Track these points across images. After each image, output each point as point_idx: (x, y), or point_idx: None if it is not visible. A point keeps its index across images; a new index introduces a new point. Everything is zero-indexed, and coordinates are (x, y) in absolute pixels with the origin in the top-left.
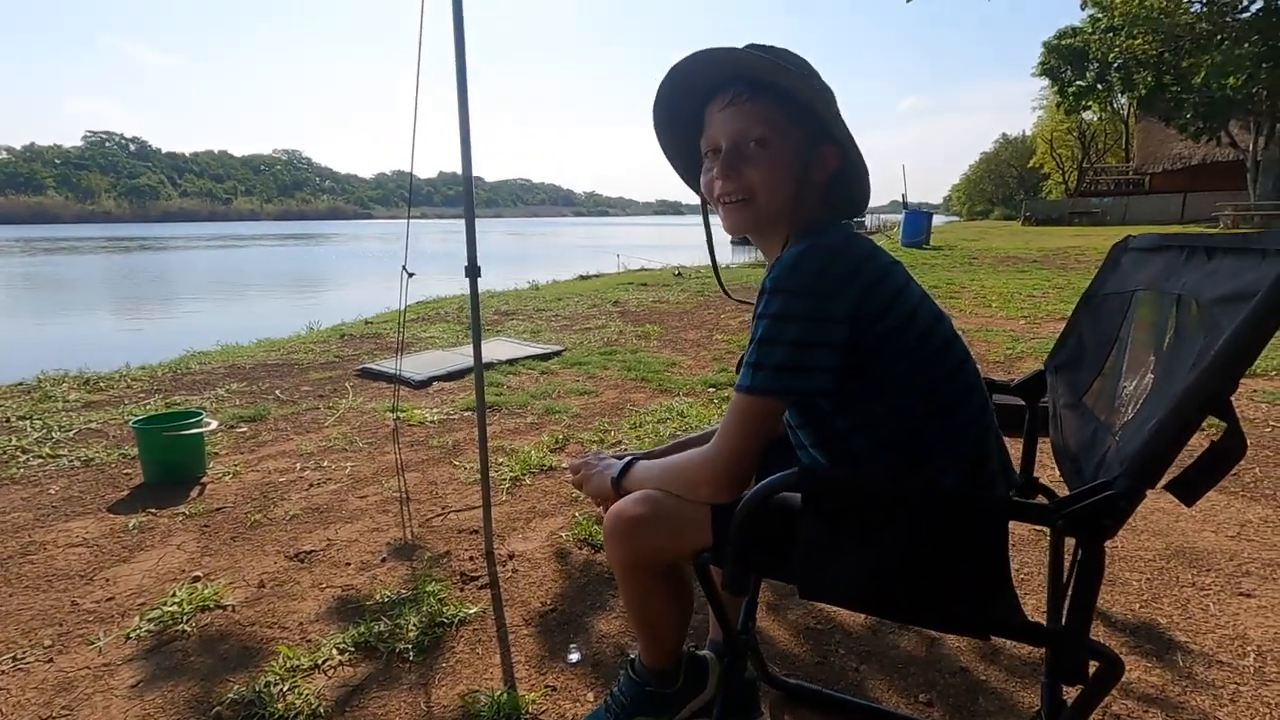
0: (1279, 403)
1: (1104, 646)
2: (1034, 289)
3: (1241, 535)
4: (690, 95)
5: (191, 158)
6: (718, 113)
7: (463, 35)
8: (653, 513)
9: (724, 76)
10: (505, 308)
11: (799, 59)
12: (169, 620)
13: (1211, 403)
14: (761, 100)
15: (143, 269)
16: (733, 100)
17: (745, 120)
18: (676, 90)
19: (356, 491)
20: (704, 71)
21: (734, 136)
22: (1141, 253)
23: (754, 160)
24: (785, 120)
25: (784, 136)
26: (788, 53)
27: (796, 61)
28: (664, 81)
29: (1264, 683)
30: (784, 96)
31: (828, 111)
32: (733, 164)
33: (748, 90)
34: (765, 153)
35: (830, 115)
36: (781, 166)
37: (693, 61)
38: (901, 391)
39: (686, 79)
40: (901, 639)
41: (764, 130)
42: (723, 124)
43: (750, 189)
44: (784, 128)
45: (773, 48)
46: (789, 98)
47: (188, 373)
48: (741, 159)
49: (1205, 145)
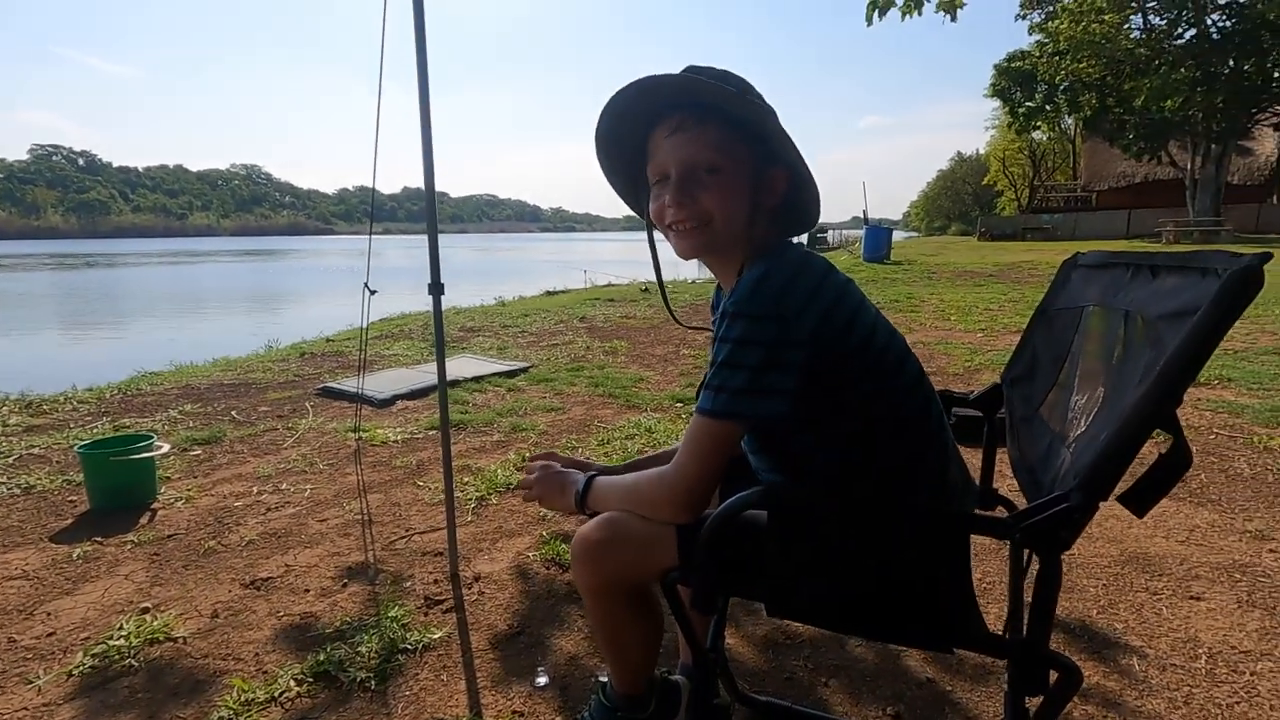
0: (1222, 410)
1: (1063, 656)
2: (990, 302)
3: (1190, 540)
4: (634, 122)
5: (145, 172)
6: (665, 139)
7: (424, 50)
8: (619, 534)
9: (668, 102)
10: (471, 324)
11: (740, 79)
12: (115, 655)
13: (1158, 417)
14: (710, 124)
15: (91, 286)
16: (679, 126)
17: (695, 146)
18: (619, 119)
19: (316, 515)
20: (646, 98)
21: (685, 163)
22: (1090, 269)
23: (707, 186)
24: (735, 143)
25: (735, 160)
26: (729, 74)
27: (738, 83)
28: (606, 110)
29: (1215, 683)
30: (732, 119)
31: (774, 132)
32: (686, 190)
33: (695, 115)
34: (718, 178)
35: (776, 135)
36: (734, 190)
37: (636, 89)
38: (860, 410)
39: (629, 106)
40: (869, 652)
41: (714, 156)
42: (672, 150)
43: (706, 214)
44: (734, 151)
45: (713, 69)
46: (736, 121)
47: (138, 394)
48: (695, 184)
49: (1147, 164)
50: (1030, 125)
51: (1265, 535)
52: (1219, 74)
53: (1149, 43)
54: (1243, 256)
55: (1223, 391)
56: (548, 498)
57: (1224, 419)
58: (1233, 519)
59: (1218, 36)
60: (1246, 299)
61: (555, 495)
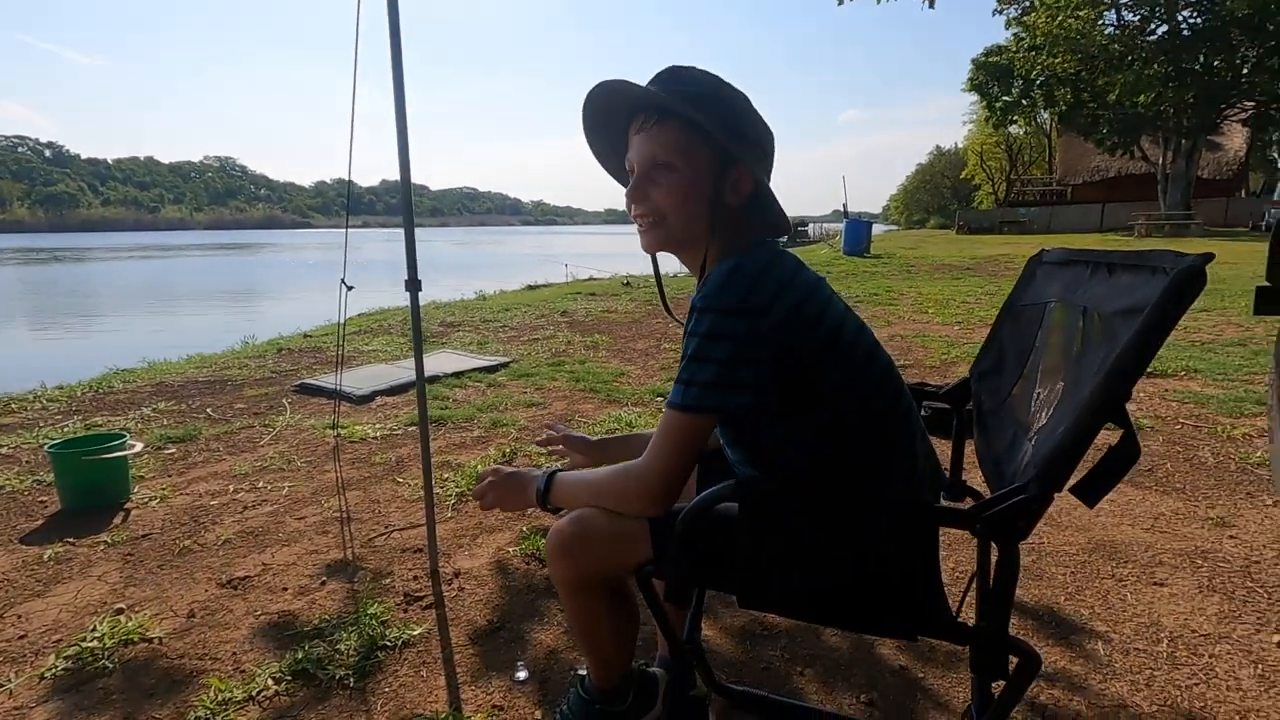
0: (1188, 401)
1: (1022, 642)
2: (967, 295)
3: (1155, 527)
4: (616, 114)
5: (115, 164)
6: (633, 135)
7: (399, 41)
8: (593, 530)
9: (639, 100)
10: (451, 319)
11: (708, 84)
12: (88, 657)
13: (1109, 410)
14: (669, 124)
15: (59, 282)
16: (643, 124)
17: (653, 145)
18: (599, 113)
19: (294, 512)
20: (618, 96)
21: (643, 161)
22: (1053, 266)
23: (660, 184)
24: (693, 144)
25: (690, 161)
26: (695, 75)
27: (706, 87)
28: (584, 108)
29: (1175, 666)
30: (692, 121)
31: (729, 140)
32: (641, 187)
33: (656, 115)
34: (672, 176)
35: (738, 142)
36: (687, 190)
37: (601, 92)
38: (830, 403)
39: (607, 100)
40: (843, 642)
41: (670, 155)
42: (636, 147)
43: (660, 212)
44: (691, 152)
45: (684, 73)
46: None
47: (110, 392)
48: (649, 182)
49: (1120, 159)
50: (1007, 120)
51: (1226, 522)
52: (1190, 70)
53: (1122, 38)
54: (1187, 257)
55: (1189, 382)
56: (505, 499)
57: (1190, 409)
58: (1196, 506)
59: (1189, 33)
60: (1190, 297)
61: (513, 496)
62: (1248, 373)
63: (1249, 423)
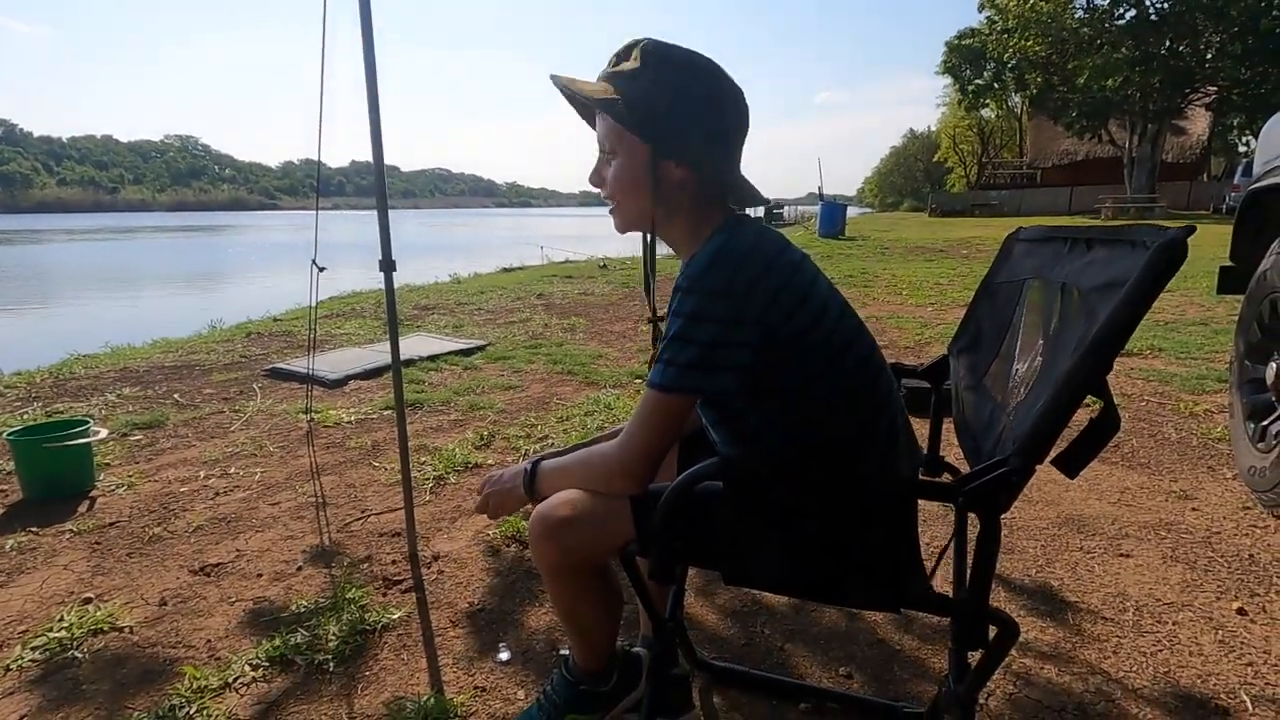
0: (1153, 379)
1: (1001, 612)
2: (940, 277)
3: (1121, 501)
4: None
5: (70, 142)
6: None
7: (369, 15)
8: (575, 511)
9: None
10: (425, 302)
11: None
12: (57, 647)
13: (1089, 384)
14: (604, 113)
15: (14, 265)
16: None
17: (601, 129)
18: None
19: (268, 498)
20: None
21: (600, 143)
22: (1030, 243)
23: (609, 169)
24: (625, 132)
25: (625, 147)
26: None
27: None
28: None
29: (1140, 634)
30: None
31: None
32: (597, 170)
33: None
34: (617, 163)
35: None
36: (628, 176)
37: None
38: (813, 383)
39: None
40: (823, 616)
41: (611, 142)
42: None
43: (612, 195)
44: (624, 139)
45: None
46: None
47: (71, 378)
48: (603, 165)
49: (1089, 142)
50: (979, 103)
51: (1188, 495)
52: (1156, 54)
53: (1092, 22)
54: (1168, 230)
55: (1154, 361)
56: (498, 499)
57: (1154, 387)
58: (1160, 480)
59: (1155, 18)
60: (1172, 270)
61: (505, 494)
62: (1209, 351)
63: (1210, 399)
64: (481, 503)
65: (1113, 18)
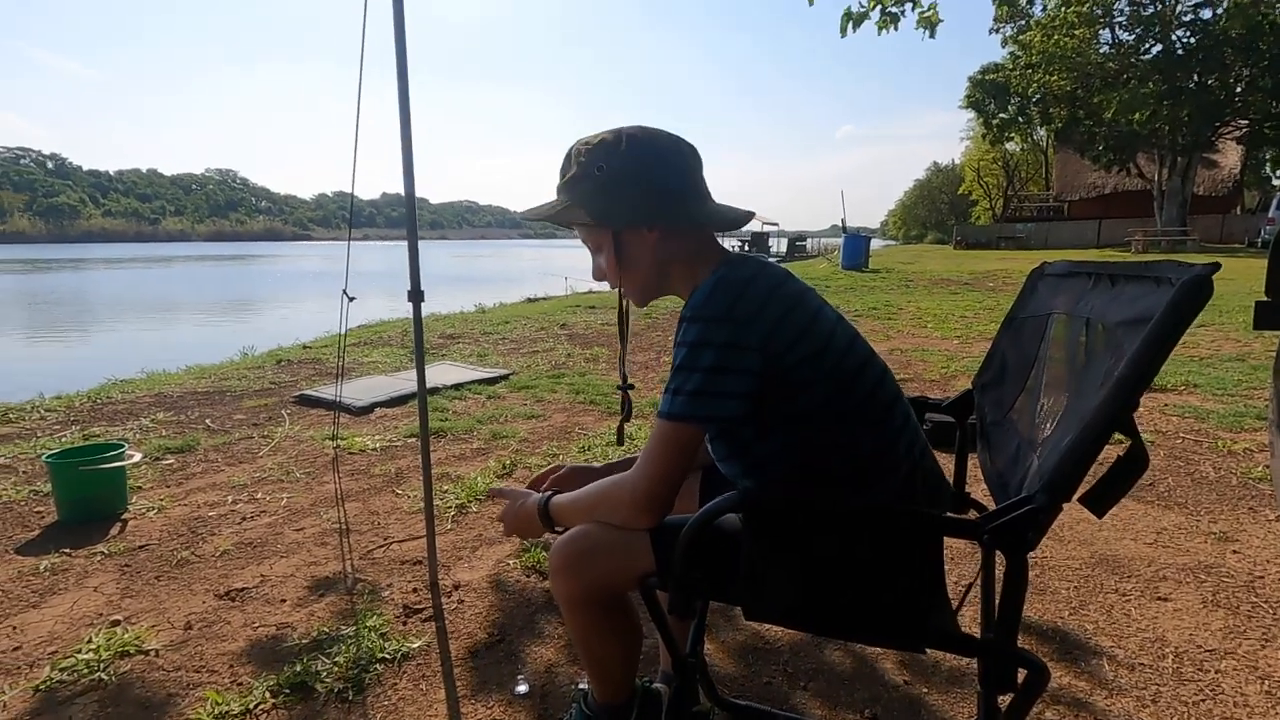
0: (1189, 415)
1: (1031, 654)
2: (966, 310)
3: (1158, 542)
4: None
5: (116, 176)
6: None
7: (404, 57)
8: (596, 544)
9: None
10: (451, 331)
11: (586, 157)
12: (84, 669)
13: (1116, 421)
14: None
15: (57, 291)
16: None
17: (580, 232)
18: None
19: (293, 524)
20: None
21: (585, 244)
22: (1056, 278)
23: (603, 263)
24: (590, 229)
25: (598, 241)
26: (575, 154)
27: (582, 165)
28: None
29: (1181, 682)
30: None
31: (616, 210)
32: (597, 266)
33: (561, 218)
34: (600, 257)
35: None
36: (616, 262)
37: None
38: (822, 415)
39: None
40: (846, 655)
41: (589, 239)
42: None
43: (614, 281)
44: (595, 232)
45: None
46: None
47: (109, 402)
48: (596, 260)
49: (1116, 175)
50: (1004, 136)
51: (1229, 537)
52: (1184, 88)
53: (1117, 57)
54: (1194, 266)
55: (1189, 397)
56: (523, 530)
57: (1190, 424)
58: (1198, 521)
59: (1182, 52)
60: (1198, 306)
61: (527, 525)
62: (1247, 388)
63: (1249, 437)
64: (501, 514)
65: (1138, 52)
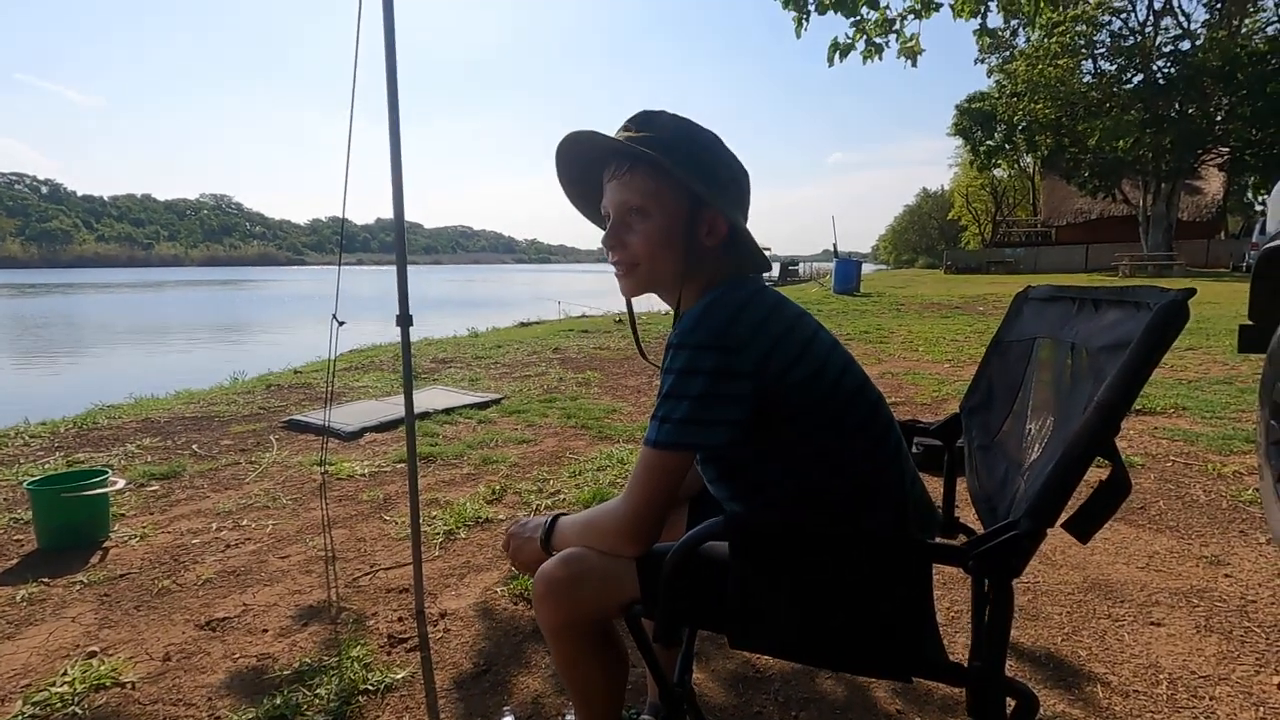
0: (1179, 439)
1: (1019, 683)
2: (957, 334)
3: (1150, 566)
4: (588, 161)
5: (110, 201)
6: (607, 182)
7: (395, 81)
8: (580, 571)
9: (609, 148)
10: (443, 355)
11: (677, 128)
12: (58, 703)
13: (1096, 445)
14: (639, 171)
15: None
16: (615, 172)
17: (625, 191)
18: (572, 162)
19: (278, 551)
20: (591, 144)
21: (617, 207)
22: (1040, 302)
23: (635, 229)
24: (664, 189)
25: (662, 205)
26: (664, 120)
27: (676, 131)
28: (557, 159)
29: (1176, 709)
30: (661, 166)
31: (702, 184)
32: (616, 233)
33: (628, 162)
34: (645, 222)
35: (708, 187)
36: (661, 234)
37: (571, 143)
38: (815, 439)
39: (578, 150)
40: (837, 685)
41: (642, 200)
42: (610, 194)
43: (633, 258)
44: (662, 196)
45: (654, 118)
46: (665, 168)
47: (94, 428)
48: (624, 228)
49: (1103, 201)
50: (991, 163)
51: (1221, 560)
52: (1166, 116)
53: (1100, 86)
54: (1170, 291)
55: (1178, 420)
56: (518, 551)
57: (1180, 447)
58: (1189, 545)
59: (1163, 81)
60: (1173, 331)
61: (524, 545)
62: (1235, 410)
63: (1239, 460)
64: (505, 542)
65: (1120, 82)
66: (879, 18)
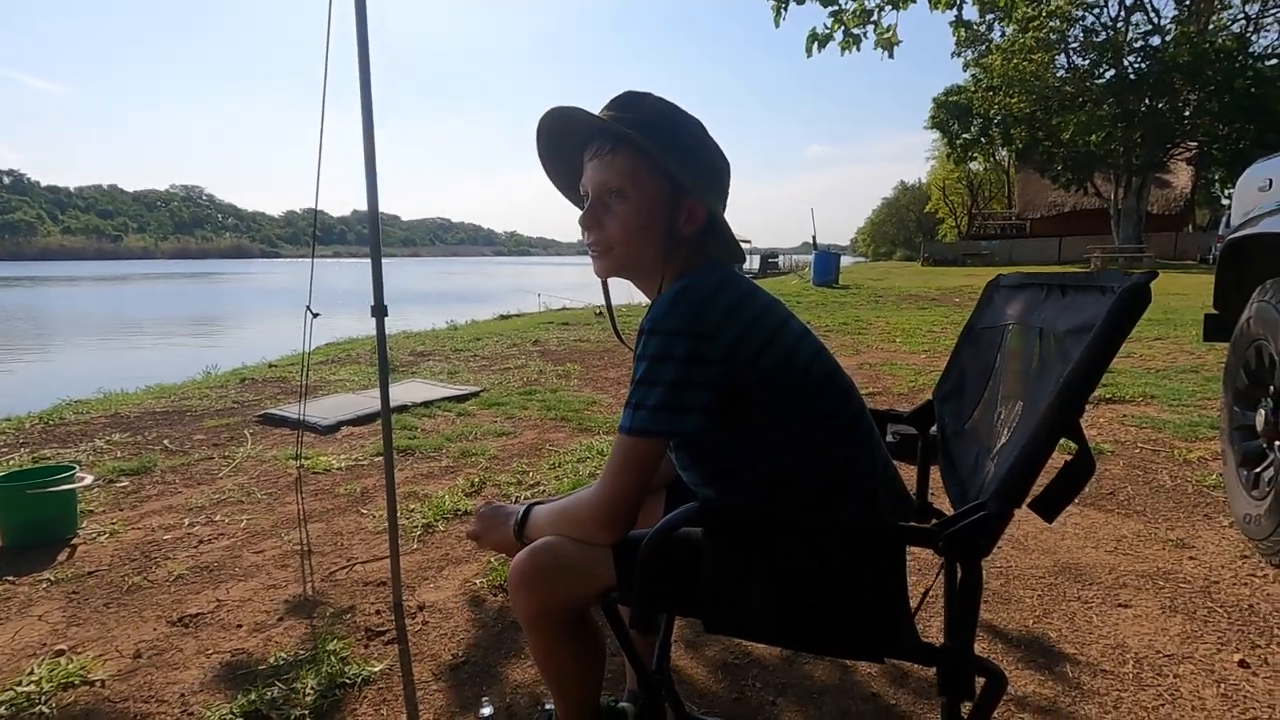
0: (1147, 426)
1: (988, 662)
2: (933, 325)
3: (1118, 549)
4: (570, 140)
5: (76, 192)
6: (588, 161)
7: (368, 70)
8: (555, 559)
9: (593, 127)
10: (421, 348)
11: (662, 111)
12: (24, 702)
13: (1061, 426)
14: (622, 152)
15: (8, 309)
16: (596, 152)
17: (606, 172)
18: (553, 139)
19: (252, 546)
20: (575, 121)
21: (596, 187)
22: (1010, 290)
23: (613, 210)
24: (645, 171)
25: (642, 188)
26: (650, 102)
27: (659, 114)
28: (538, 134)
29: (1141, 687)
30: (643, 148)
31: (683, 170)
32: (594, 214)
33: (610, 142)
34: (623, 204)
35: (689, 173)
36: (639, 217)
37: (554, 118)
38: (786, 425)
39: (561, 126)
40: (816, 669)
41: (621, 182)
42: (590, 174)
43: (609, 240)
44: (642, 180)
45: (639, 100)
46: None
47: (61, 423)
48: (603, 209)
49: (1076, 194)
50: (967, 156)
51: (1185, 544)
52: (1137, 111)
53: (1073, 81)
54: (1132, 275)
55: (1146, 408)
56: (486, 532)
57: (1148, 434)
58: (1156, 528)
59: (1134, 77)
60: (1136, 313)
61: (494, 529)
62: (1201, 398)
63: (1204, 446)
64: (472, 531)
65: (1093, 77)
66: (857, 8)
